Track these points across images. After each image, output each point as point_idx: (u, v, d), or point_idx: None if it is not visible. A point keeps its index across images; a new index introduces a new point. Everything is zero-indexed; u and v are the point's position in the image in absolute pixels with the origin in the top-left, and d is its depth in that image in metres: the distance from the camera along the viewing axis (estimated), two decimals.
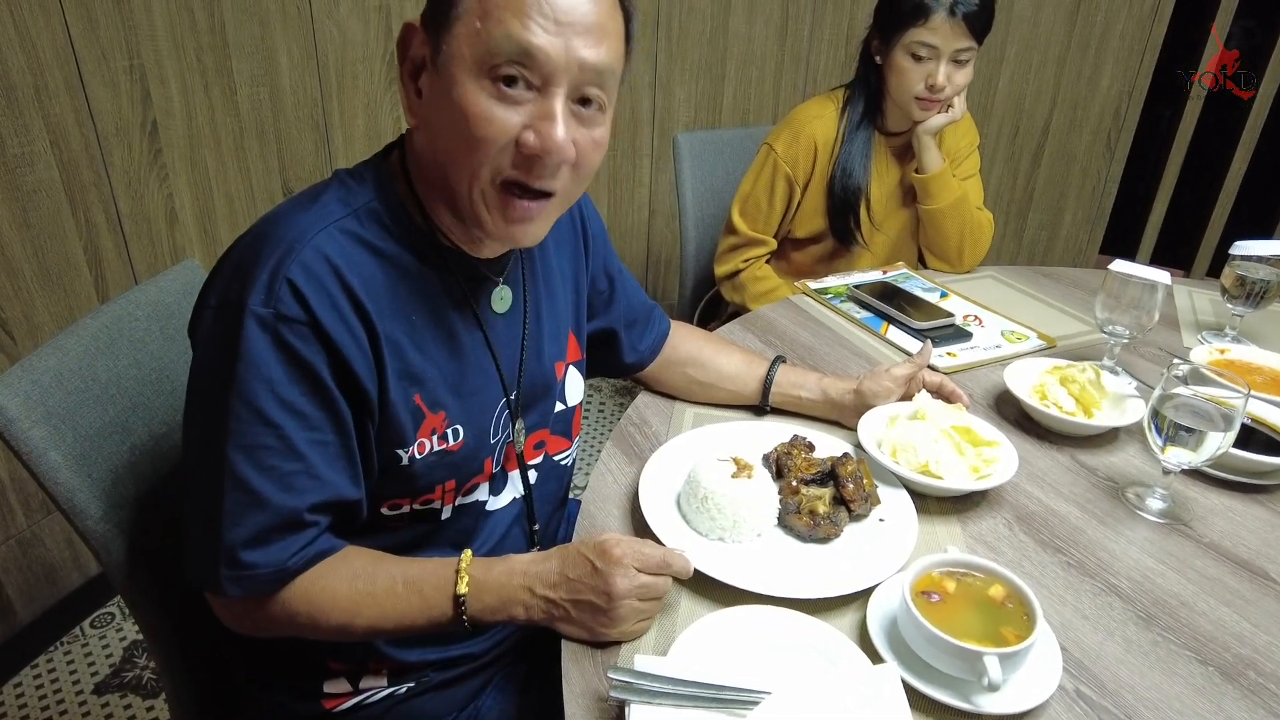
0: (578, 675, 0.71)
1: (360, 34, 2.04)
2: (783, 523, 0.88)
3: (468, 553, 0.77)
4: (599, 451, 1.01)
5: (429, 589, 0.75)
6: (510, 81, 0.67)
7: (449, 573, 0.75)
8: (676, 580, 0.77)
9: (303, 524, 0.72)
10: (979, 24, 1.44)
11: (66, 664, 1.71)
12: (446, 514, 0.83)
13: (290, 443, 0.69)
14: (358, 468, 0.75)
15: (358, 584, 0.74)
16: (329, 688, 0.86)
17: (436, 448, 0.79)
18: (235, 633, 0.78)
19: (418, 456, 0.77)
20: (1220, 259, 1.38)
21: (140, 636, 1.77)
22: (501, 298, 0.84)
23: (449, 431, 0.79)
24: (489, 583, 0.75)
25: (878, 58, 1.54)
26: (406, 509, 0.81)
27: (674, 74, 2.62)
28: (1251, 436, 1.03)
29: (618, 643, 0.74)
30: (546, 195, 0.73)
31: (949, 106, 1.53)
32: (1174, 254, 2.97)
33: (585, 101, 0.71)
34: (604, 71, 0.70)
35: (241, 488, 0.69)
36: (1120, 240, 3.02)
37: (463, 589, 0.74)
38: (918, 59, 1.47)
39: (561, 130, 0.68)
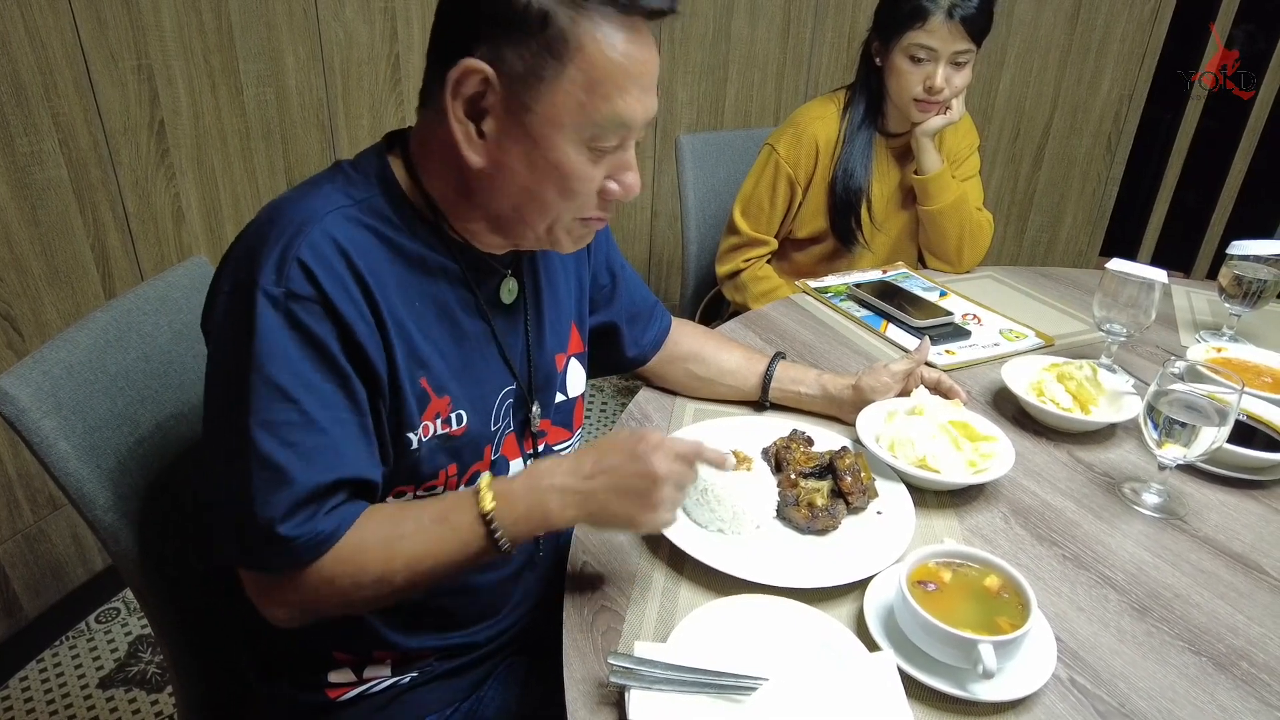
0: (578, 662, 0.72)
1: (365, 35, 2.05)
2: (781, 515, 0.89)
3: (486, 474, 0.78)
4: None
5: (456, 517, 0.74)
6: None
7: (471, 495, 0.75)
8: (676, 569, 0.78)
9: (328, 495, 0.71)
10: (977, 27, 1.45)
11: (72, 658, 1.72)
12: None
13: (311, 418, 0.70)
14: (375, 448, 0.75)
15: (385, 531, 0.73)
16: (333, 678, 0.87)
17: (439, 431, 0.80)
18: (270, 625, 0.76)
19: (423, 439, 0.78)
20: (1220, 261, 1.39)
21: (145, 631, 1.78)
22: (510, 289, 0.86)
23: (453, 416, 0.80)
24: (513, 492, 0.74)
25: (878, 60, 1.55)
26: (410, 496, 0.82)
27: (676, 76, 2.64)
28: (1247, 433, 1.04)
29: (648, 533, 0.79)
30: None
31: (947, 108, 1.55)
32: (1174, 256, 2.97)
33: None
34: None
35: (267, 465, 0.69)
36: (1121, 242, 3.03)
37: (488, 504, 0.73)
38: (916, 61, 1.48)
39: (637, 176, 0.77)
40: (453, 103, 0.71)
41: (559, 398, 0.94)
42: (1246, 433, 1.04)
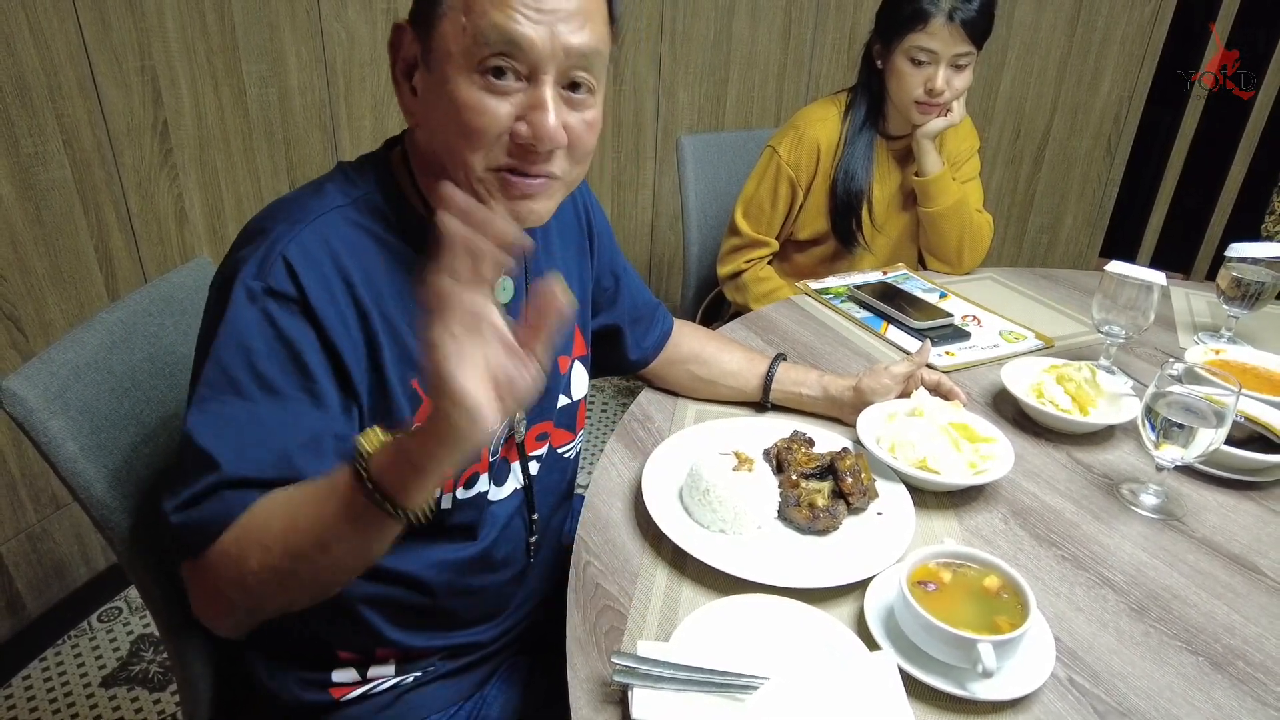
0: (582, 661, 0.73)
1: (367, 36, 2.06)
2: (782, 515, 0.89)
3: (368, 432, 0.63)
4: (603, 449, 1.03)
5: (322, 480, 0.65)
6: (499, 73, 0.68)
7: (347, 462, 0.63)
8: (678, 569, 0.78)
9: (251, 489, 0.68)
10: (977, 30, 1.46)
11: (74, 657, 1.73)
12: (447, 503, 0.84)
13: (255, 413, 0.68)
14: (330, 451, 0.70)
15: (259, 508, 0.67)
16: (337, 677, 0.87)
17: None
18: (274, 624, 0.76)
19: None
20: (1219, 263, 1.39)
21: (147, 630, 1.79)
22: (504, 288, 0.85)
23: None
24: (387, 441, 0.61)
25: (879, 62, 1.56)
26: None
27: (678, 78, 2.65)
28: (1245, 434, 1.05)
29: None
30: (546, 176, 0.74)
31: (948, 110, 1.55)
32: (1174, 257, 2.98)
33: (574, 86, 0.72)
34: (590, 54, 0.71)
35: (196, 447, 0.67)
36: (1121, 243, 3.04)
37: (363, 446, 0.61)
38: (917, 64, 1.49)
39: (553, 118, 0.70)
40: (394, 69, 0.74)
41: (562, 400, 0.95)
42: (1242, 434, 1.05)
